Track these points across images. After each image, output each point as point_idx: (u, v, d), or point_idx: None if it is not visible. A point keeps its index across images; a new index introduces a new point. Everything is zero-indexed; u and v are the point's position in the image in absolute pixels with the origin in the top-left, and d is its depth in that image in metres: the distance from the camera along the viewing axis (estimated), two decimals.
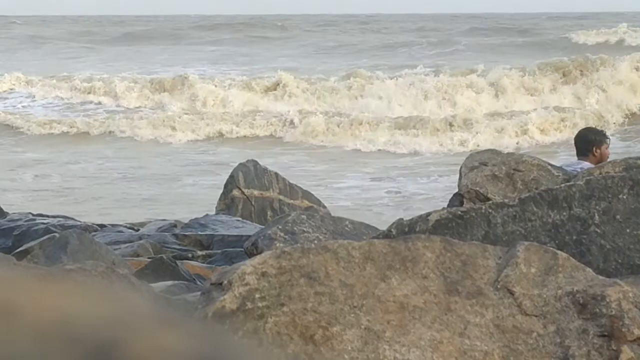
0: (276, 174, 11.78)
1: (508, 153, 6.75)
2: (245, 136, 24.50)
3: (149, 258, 7.69)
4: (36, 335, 0.67)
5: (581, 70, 28.34)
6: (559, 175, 6.19)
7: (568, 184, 5.35)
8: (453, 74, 29.33)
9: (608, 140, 9.08)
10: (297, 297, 4.09)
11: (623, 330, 4.16)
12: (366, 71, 31.62)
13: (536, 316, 4.22)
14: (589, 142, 8.93)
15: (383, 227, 5.78)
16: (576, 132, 9.80)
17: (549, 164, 6.46)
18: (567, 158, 12.39)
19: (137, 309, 0.73)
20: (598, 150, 8.79)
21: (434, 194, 16.82)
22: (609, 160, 7.54)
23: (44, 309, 0.69)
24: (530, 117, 24.04)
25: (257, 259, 4.22)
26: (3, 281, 0.72)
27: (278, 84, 29.38)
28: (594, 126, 10.22)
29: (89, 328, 0.68)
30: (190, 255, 8.37)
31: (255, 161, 11.80)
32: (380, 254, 4.22)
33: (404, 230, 5.15)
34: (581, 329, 4.20)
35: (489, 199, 5.91)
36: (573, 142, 9.25)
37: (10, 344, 0.66)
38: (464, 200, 6.28)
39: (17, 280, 0.72)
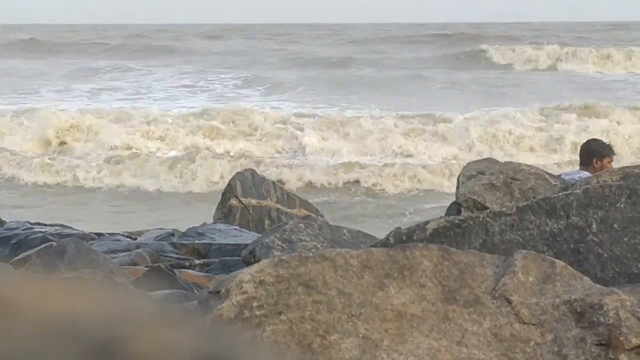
0: (274, 182, 11.78)
1: (506, 162, 6.75)
2: None
3: (146, 267, 7.68)
4: (39, 332, 0.67)
5: None
6: (557, 184, 6.19)
7: (566, 192, 5.35)
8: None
9: (612, 154, 9.01)
10: (294, 306, 4.09)
11: (621, 339, 4.16)
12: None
13: (534, 325, 4.22)
14: (590, 152, 8.87)
15: (381, 236, 5.78)
16: None
17: (547, 173, 6.46)
18: None
19: (140, 306, 0.73)
20: (599, 163, 8.72)
21: None
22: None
23: (47, 306, 0.69)
24: None
25: (254, 268, 4.22)
26: (5, 279, 0.73)
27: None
28: (601, 139, 10.10)
29: (92, 325, 0.68)
30: (187, 263, 8.36)
31: (253, 170, 11.80)
32: (378, 262, 4.22)
33: (402, 238, 5.15)
34: (579, 338, 4.20)
35: (486, 208, 5.91)
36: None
37: (13, 341, 0.66)
38: (462, 209, 6.28)
39: (19, 279, 0.73)
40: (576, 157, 9.71)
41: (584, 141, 9.47)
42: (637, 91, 33.94)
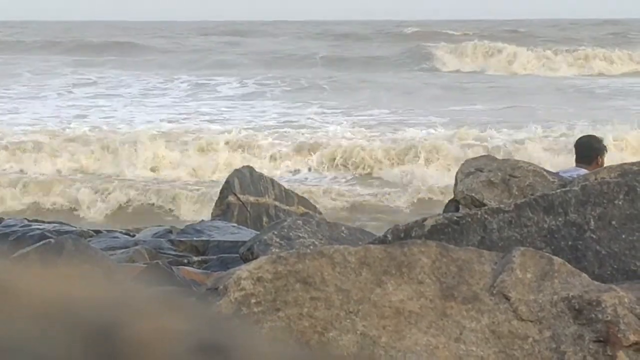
0: (272, 180, 11.78)
1: (504, 159, 6.75)
2: None
3: (144, 264, 7.67)
4: (37, 316, 0.67)
5: None
6: (555, 181, 6.19)
7: (564, 189, 5.35)
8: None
9: (606, 150, 8.99)
10: (292, 302, 4.09)
11: (619, 335, 4.16)
12: None
13: (532, 321, 4.22)
14: (594, 149, 8.77)
15: (379, 233, 5.78)
16: None
17: (545, 170, 6.46)
18: None
19: (138, 292, 0.74)
20: (600, 159, 8.67)
21: None
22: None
23: (45, 292, 0.69)
24: None
25: (252, 264, 4.22)
26: (4, 265, 0.73)
27: None
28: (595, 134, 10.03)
29: (90, 310, 0.68)
30: (185, 261, 8.35)
31: (251, 167, 11.80)
32: (376, 259, 4.22)
33: (400, 235, 5.14)
34: (577, 335, 4.20)
35: (484, 205, 5.91)
36: (574, 147, 9.08)
37: (12, 325, 0.66)
38: (460, 206, 6.28)
39: (18, 265, 0.73)
40: None
41: (580, 138, 9.34)
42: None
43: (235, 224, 10.13)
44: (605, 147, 8.92)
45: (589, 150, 8.79)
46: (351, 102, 29.30)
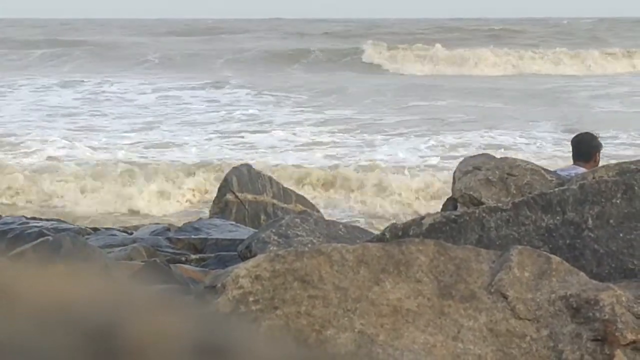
0: (270, 178, 11.78)
1: (502, 157, 6.75)
2: None
3: (142, 261, 7.68)
4: (35, 319, 0.67)
5: None
6: (553, 180, 6.19)
7: (562, 188, 5.35)
8: None
9: (602, 146, 9.01)
10: (290, 301, 4.09)
11: (616, 334, 4.17)
12: None
13: (529, 320, 4.22)
14: (592, 147, 8.77)
15: (376, 231, 5.78)
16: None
17: (543, 169, 6.46)
18: None
19: (136, 293, 0.74)
20: (599, 155, 8.69)
21: None
22: (601, 164, 7.48)
23: (43, 293, 0.69)
24: None
25: (251, 262, 4.22)
26: (2, 267, 0.73)
27: None
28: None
29: (88, 311, 0.68)
30: (183, 258, 8.36)
31: (249, 165, 11.81)
32: (374, 257, 4.22)
33: (398, 234, 5.14)
34: (574, 333, 4.20)
35: (482, 203, 5.91)
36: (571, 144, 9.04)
37: (10, 328, 0.66)
38: (458, 204, 6.28)
39: (15, 266, 0.73)
40: None
41: (577, 135, 9.30)
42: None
43: (233, 222, 10.13)
44: (600, 143, 8.92)
45: (587, 147, 8.79)
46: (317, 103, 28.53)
